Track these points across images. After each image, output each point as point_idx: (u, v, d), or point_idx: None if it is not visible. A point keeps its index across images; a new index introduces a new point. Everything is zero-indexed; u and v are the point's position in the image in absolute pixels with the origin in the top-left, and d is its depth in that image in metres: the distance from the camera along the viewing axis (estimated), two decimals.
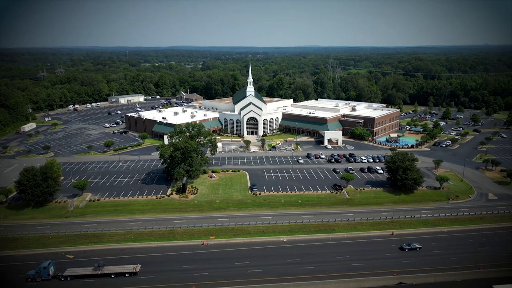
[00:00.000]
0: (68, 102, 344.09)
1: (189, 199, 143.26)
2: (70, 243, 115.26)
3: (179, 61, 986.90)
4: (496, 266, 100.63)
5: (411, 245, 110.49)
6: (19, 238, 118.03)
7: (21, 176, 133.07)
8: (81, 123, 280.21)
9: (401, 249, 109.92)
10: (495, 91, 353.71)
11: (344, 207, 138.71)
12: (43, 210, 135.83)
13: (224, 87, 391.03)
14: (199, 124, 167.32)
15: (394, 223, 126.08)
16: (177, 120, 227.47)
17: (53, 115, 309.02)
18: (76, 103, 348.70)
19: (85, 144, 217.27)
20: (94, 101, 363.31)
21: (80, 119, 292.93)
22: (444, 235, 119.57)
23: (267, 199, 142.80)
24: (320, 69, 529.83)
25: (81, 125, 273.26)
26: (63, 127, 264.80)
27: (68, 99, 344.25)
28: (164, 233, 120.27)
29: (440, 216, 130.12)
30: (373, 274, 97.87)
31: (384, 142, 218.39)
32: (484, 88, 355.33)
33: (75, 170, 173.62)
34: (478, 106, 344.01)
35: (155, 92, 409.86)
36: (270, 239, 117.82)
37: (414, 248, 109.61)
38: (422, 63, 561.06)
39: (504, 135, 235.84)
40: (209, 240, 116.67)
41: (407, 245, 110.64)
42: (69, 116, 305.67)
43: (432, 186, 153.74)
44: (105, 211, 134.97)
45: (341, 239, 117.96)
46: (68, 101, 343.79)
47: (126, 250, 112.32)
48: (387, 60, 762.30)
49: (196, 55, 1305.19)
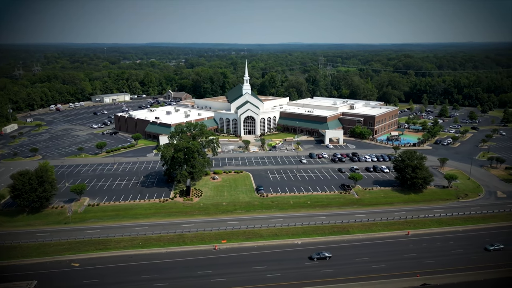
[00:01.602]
0: (50, 102, 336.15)
1: (194, 202, 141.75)
2: (74, 250, 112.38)
3: (160, 58, 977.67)
4: None
5: (321, 254, 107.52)
6: (18, 246, 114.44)
7: (16, 181, 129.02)
8: (66, 123, 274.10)
9: None
10: (488, 88, 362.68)
11: (355, 208, 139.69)
12: (40, 216, 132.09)
13: (213, 85, 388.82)
14: (201, 123, 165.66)
15: (408, 223, 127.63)
16: (171, 120, 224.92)
17: (34, 115, 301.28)
18: (58, 103, 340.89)
19: (74, 146, 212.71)
20: (77, 101, 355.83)
21: (64, 120, 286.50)
22: (460, 234, 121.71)
23: (275, 201, 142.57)
24: (310, 66, 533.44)
25: (66, 125, 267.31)
26: (47, 128, 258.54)
27: (49, 98, 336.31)
28: (173, 238, 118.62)
29: (453, 215, 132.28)
30: (395, 276, 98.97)
31: (386, 141, 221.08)
32: (477, 86, 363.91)
33: (67, 173, 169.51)
34: (472, 104, 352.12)
35: (141, 90, 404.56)
36: (284, 242, 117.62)
37: None
38: (412, 60, 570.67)
39: (503, 132, 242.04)
40: (221, 244, 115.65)
41: (316, 254, 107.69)
42: (52, 117, 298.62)
43: (440, 185, 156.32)
44: (106, 216, 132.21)
45: (357, 241, 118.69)
46: (49, 101, 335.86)
47: (134, 256, 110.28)
48: (375, 57, 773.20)
49: (177, 52, 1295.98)
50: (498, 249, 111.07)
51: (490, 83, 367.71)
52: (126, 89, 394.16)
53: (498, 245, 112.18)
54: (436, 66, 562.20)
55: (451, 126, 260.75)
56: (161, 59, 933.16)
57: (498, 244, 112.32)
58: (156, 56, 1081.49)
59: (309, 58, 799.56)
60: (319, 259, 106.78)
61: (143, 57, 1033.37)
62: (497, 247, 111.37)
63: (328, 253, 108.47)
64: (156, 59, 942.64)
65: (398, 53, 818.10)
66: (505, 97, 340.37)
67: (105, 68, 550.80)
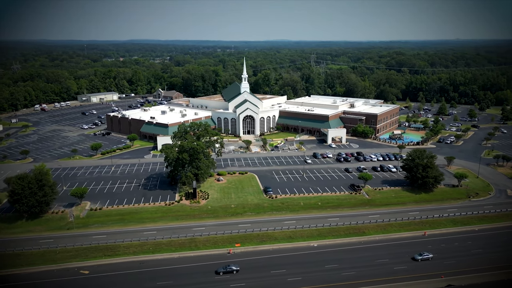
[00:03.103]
0: (34, 102, 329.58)
1: (202, 204, 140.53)
2: (82, 257, 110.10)
3: (143, 56, 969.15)
4: None
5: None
6: (21, 254, 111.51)
7: (15, 185, 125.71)
8: (53, 124, 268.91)
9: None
10: (484, 86, 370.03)
11: (367, 208, 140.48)
12: (40, 222, 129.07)
13: (205, 84, 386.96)
14: (205, 123, 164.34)
15: (423, 223, 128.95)
16: (168, 119, 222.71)
17: (19, 116, 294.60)
18: (42, 103, 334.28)
19: (65, 148, 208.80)
20: (62, 100, 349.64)
21: (51, 120, 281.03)
22: (477, 234, 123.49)
23: (285, 202, 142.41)
24: (302, 64, 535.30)
25: (55, 126, 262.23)
26: (35, 129, 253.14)
27: (33, 98, 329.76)
28: (185, 243, 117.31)
29: (468, 214, 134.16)
30: (419, 277, 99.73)
31: (388, 139, 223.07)
32: (473, 83, 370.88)
33: (63, 176, 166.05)
34: (469, 102, 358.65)
35: (129, 89, 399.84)
36: (300, 244, 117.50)
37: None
38: (405, 57, 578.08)
39: (504, 130, 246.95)
40: (235, 248, 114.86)
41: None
42: (38, 117, 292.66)
43: (449, 184, 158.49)
44: (110, 221, 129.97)
45: (374, 242, 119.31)
46: (33, 101, 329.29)
47: (146, 262, 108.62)
48: (366, 55, 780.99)
49: (160, 50, 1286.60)
50: (426, 258, 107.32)
51: (486, 81, 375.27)
52: (113, 88, 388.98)
53: (427, 254, 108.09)
54: (429, 64, 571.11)
55: (451, 124, 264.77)
56: (144, 57, 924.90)
57: (427, 253, 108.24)
58: (139, 54, 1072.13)
59: (299, 56, 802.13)
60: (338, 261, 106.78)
61: (125, 55, 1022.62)
62: (425, 257, 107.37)
63: None
64: (139, 56, 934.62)
65: (389, 51, 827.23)
66: (501, 95, 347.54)
67: (87, 66, 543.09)
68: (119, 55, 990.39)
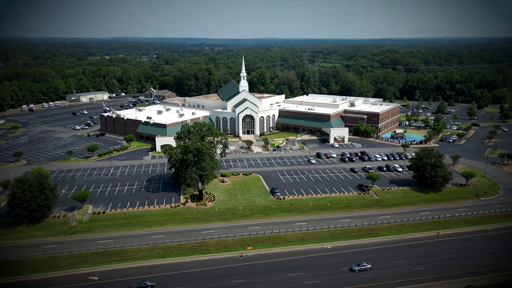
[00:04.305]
0: (21, 102, 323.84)
1: (208, 207, 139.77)
2: (89, 263, 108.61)
3: (129, 54, 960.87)
4: None
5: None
6: (25, 260, 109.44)
7: (15, 188, 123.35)
8: (43, 125, 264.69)
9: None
10: (481, 84, 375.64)
11: (377, 209, 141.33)
12: (41, 227, 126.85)
13: (198, 83, 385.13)
14: (209, 122, 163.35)
15: (435, 223, 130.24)
16: (165, 119, 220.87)
17: (7, 116, 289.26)
18: (30, 103, 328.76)
19: (59, 149, 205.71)
20: (50, 100, 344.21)
21: (41, 121, 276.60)
22: (490, 233, 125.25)
23: (294, 204, 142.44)
24: (295, 62, 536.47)
25: (45, 127, 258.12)
26: (25, 130, 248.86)
27: (20, 98, 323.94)
28: (195, 246, 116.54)
29: (479, 214, 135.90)
30: (438, 278, 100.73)
31: (391, 139, 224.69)
32: (470, 81, 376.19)
33: (60, 179, 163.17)
34: (465, 100, 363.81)
35: (119, 88, 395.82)
36: (313, 246, 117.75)
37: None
38: (399, 55, 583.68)
39: (505, 128, 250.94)
40: (248, 251, 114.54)
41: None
42: (27, 118, 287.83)
43: (457, 183, 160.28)
44: (115, 225, 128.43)
45: (388, 243, 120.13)
46: (20, 100, 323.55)
47: (157, 267, 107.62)
48: (358, 53, 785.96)
49: (146, 47, 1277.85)
50: (364, 269, 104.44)
51: (482, 79, 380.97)
52: (103, 87, 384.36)
53: (365, 264, 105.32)
54: (423, 62, 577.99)
55: (451, 122, 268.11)
56: (130, 55, 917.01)
57: (365, 264, 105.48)
58: (124, 52, 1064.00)
59: (290, 54, 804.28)
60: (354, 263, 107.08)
61: (110, 53, 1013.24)
62: (363, 267, 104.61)
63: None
64: (125, 54, 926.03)
65: (381, 49, 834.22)
66: (498, 93, 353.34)
67: (72, 64, 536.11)
68: (103, 53, 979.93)
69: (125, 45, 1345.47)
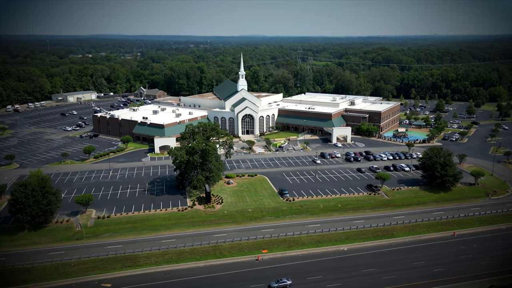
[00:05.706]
0: (5, 102, 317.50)
1: (217, 209, 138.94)
2: (100, 269, 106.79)
3: (112, 52, 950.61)
4: None
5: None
6: (32, 268, 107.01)
7: (17, 193, 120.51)
8: (32, 126, 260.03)
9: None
10: (476, 82, 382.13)
11: (389, 209, 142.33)
12: (44, 233, 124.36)
13: (189, 81, 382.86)
14: (215, 123, 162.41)
15: (450, 223, 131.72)
16: (162, 120, 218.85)
17: None
18: (14, 103, 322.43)
19: (52, 152, 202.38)
20: (35, 100, 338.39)
21: (28, 122, 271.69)
22: (505, 233, 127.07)
23: (304, 205, 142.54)
24: (287, 60, 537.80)
25: (34, 129, 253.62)
26: (13, 132, 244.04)
27: (4, 98, 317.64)
28: (209, 250, 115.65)
29: (492, 213, 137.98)
30: (460, 279, 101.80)
31: (393, 138, 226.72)
32: (465, 79, 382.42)
33: (58, 182, 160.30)
34: (461, 98, 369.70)
35: (107, 88, 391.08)
36: (329, 249, 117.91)
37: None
38: (392, 53, 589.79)
39: (505, 127, 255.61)
40: (263, 255, 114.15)
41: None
42: (13, 119, 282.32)
43: (466, 182, 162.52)
44: (121, 229, 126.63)
45: (404, 244, 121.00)
46: (4, 101, 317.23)
47: (171, 273, 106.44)
48: (349, 50, 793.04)
49: (129, 45, 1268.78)
50: (283, 286, 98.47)
51: (478, 77, 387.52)
52: (91, 86, 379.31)
53: (284, 280, 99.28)
54: (415, 60, 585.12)
55: (451, 121, 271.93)
56: (113, 53, 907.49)
57: (285, 280, 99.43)
58: (106, 50, 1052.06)
59: (279, 52, 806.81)
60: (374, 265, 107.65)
61: (91, 51, 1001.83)
62: (282, 284, 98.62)
63: None
64: (108, 52, 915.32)
65: (372, 46, 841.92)
66: (494, 91, 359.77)
67: (54, 63, 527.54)
68: (84, 51, 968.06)
69: (107, 43, 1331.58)
